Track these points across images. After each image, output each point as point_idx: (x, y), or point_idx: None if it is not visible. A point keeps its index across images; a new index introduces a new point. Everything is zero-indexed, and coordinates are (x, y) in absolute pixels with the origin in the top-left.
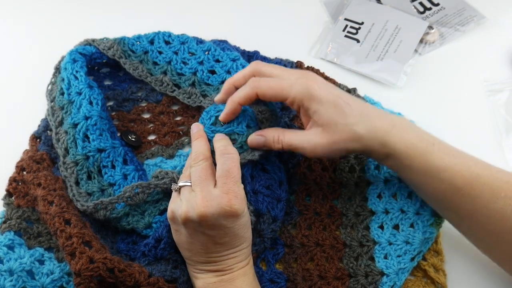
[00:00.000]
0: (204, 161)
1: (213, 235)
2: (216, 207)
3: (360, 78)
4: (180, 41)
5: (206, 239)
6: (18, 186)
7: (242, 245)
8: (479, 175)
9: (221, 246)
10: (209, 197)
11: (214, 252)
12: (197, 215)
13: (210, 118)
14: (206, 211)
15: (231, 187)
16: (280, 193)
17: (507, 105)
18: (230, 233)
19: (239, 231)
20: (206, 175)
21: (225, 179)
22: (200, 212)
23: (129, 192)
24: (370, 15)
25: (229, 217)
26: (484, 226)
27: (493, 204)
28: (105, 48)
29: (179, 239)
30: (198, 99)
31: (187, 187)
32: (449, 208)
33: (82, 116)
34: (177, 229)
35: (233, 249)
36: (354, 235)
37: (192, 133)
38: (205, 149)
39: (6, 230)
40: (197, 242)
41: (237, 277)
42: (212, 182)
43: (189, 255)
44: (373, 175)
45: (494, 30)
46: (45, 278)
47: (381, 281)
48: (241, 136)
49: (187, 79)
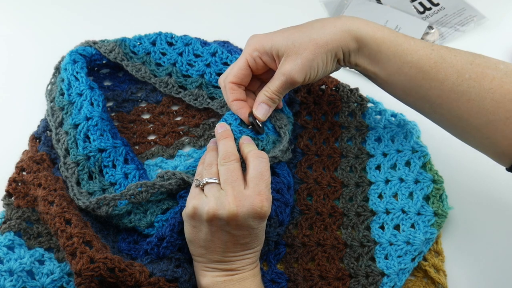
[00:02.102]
0: (236, 162)
1: (238, 234)
2: (248, 207)
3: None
4: (184, 43)
5: (229, 238)
6: (18, 186)
7: (257, 247)
8: (443, 57)
9: (240, 246)
10: (241, 196)
11: (232, 252)
12: (228, 213)
13: (236, 119)
14: (237, 210)
15: (263, 189)
16: (288, 198)
17: None
18: (253, 234)
19: (260, 233)
20: (238, 175)
21: (258, 181)
22: (231, 211)
23: (132, 190)
24: (370, 15)
25: (258, 218)
26: (453, 112)
27: (458, 86)
28: (106, 51)
29: (196, 236)
30: (206, 101)
31: (215, 185)
32: (421, 97)
33: (83, 116)
34: (195, 226)
35: (250, 250)
36: (355, 235)
37: (218, 132)
38: (235, 149)
39: (6, 230)
40: (218, 240)
41: (247, 278)
42: (243, 183)
43: (204, 253)
44: (374, 175)
45: (494, 30)
46: (45, 278)
47: (381, 282)
48: (262, 141)
49: (194, 81)
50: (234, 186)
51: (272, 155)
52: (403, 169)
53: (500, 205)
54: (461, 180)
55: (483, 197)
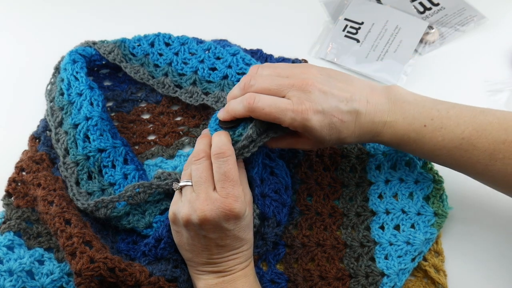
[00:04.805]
0: (205, 159)
1: (214, 237)
2: (217, 211)
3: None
4: (180, 42)
5: (208, 241)
6: (18, 186)
7: (243, 247)
8: (474, 144)
9: (222, 248)
10: (209, 200)
11: (215, 254)
12: (198, 218)
13: (215, 119)
14: (207, 215)
15: (230, 190)
16: (286, 198)
17: (507, 105)
18: (231, 235)
19: (240, 233)
20: (207, 176)
21: (223, 183)
22: (201, 216)
23: (130, 191)
24: (370, 15)
25: (230, 220)
26: (490, 181)
27: (492, 166)
28: (105, 52)
29: (180, 241)
30: (200, 97)
31: (189, 187)
32: (454, 169)
33: (83, 116)
34: (178, 231)
35: (234, 250)
36: (355, 235)
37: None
38: (207, 147)
39: (5, 230)
40: (199, 244)
41: (238, 278)
42: (213, 184)
43: (190, 257)
44: (374, 175)
45: (494, 30)
46: (45, 278)
47: (381, 282)
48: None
49: (188, 78)
50: (204, 188)
51: (239, 146)
52: (403, 169)
53: (500, 205)
54: (461, 180)
55: (483, 197)
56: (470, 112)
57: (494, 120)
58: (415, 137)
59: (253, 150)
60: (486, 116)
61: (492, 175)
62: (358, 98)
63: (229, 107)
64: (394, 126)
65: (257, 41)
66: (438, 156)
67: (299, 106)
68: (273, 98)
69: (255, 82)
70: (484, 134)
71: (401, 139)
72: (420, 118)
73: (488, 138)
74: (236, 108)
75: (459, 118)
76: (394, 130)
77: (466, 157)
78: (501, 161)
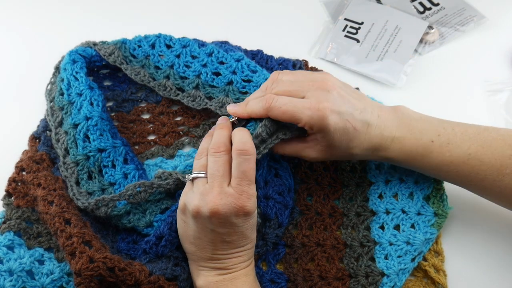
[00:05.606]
0: (225, 154)
1: (222, 232)
2: (230, 206)
3: (360, 78)
4: (181, 45)
5: (215, 236)
6: (18, 186)
7: (247, 245)
8: (482, 160)
9: (228, 244)
10: (223, 194)
11: (220, 250)
12: (209, 211)
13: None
14: (219, 208)
15: (246, 189)
16: (289, 200)
17: (507, 105)
18: (239, 232)
19: (247, 231)
20: (224, 170)
21: (240, 181)
22: (213, 208)
23: (131, 191)
24: (370, 15)
25: (241, 216)
26: (498, 198)
27: (499, 182)
28: (105, 54)
29: (186, 233)
30: (203, 102)
31: (201, 179)
32: (462, 186)
33: (83, 116)
34: (185, 221)
35: (239, 248)
36: (355, 235)
37: (217, 123)
38: (228, 140)
39: (5, 230)
40: (205, 238)
41: (238, 277)
42: (228, 178)
43: (194, 250)
44: (374, 175)
45: (494, 30)
46: (45, 278)
47: (381, 282)
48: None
49: (190, 82)
50: (219, 182)
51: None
52: (403, 169)
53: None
54: None
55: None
56: (474, 130)
57: (498, 137)
58: (422, 153)
59: (264, 152)
60: (490, 133)
61: (500, 191)
62: (370, 111)
63: (247, 106)
64: (402, 142)
65: (257, 41)
66: (446, 172)
67: (317, 104)
68: (292, 98)
69: (276, 86)
70: (490, 150)
71: (408, 155)
72: (427, 134)
73: (494, 153)
74: (254, 107)
75: (464, 135)
76: (402, 145)
77: (474, 173)
78: (508, 176)
